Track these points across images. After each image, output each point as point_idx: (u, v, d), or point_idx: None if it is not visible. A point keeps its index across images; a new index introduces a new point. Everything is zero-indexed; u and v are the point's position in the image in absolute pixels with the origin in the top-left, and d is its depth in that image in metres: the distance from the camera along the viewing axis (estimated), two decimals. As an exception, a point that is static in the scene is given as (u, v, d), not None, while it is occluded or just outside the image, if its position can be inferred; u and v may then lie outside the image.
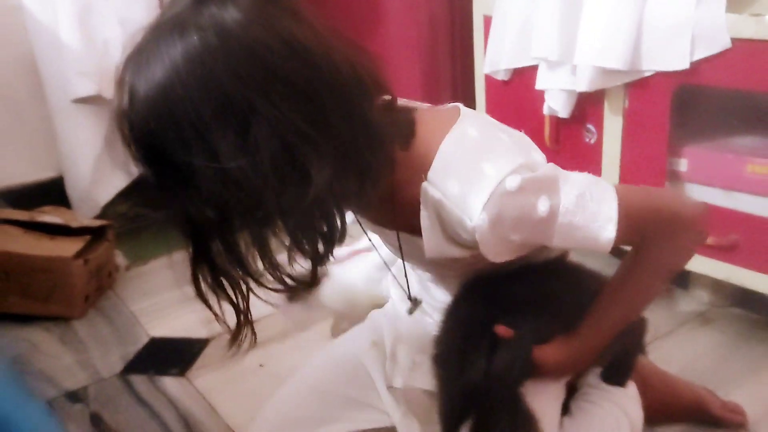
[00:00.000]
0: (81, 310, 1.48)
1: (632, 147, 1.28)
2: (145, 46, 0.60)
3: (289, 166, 0.60)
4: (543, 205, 0.70)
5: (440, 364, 0.84)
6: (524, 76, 1.42)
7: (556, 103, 1.33)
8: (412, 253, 0.84)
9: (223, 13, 0.59)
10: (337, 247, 0.68)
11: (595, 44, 1.20)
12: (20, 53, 1.75)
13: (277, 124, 0.59)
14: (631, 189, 0.79)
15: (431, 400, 0.89)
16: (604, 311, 0.81)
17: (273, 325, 1.37)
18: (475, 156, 0.71)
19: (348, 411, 0.95)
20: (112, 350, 1.37)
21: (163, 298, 1.54)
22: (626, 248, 0.81)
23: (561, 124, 1.39)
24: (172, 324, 1.44)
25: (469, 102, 1.60)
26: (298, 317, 1.05)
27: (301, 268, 0.68)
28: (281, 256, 0.66)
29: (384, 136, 0.67)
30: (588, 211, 0.71)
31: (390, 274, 1.00)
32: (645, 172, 1.27)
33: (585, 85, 1.23)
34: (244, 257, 0.65)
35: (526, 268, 0.84)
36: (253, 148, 0.58)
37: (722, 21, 1.08)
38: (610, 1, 1.18)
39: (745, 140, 1.25)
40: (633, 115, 1.25)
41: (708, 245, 1.19)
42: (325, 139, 0.61)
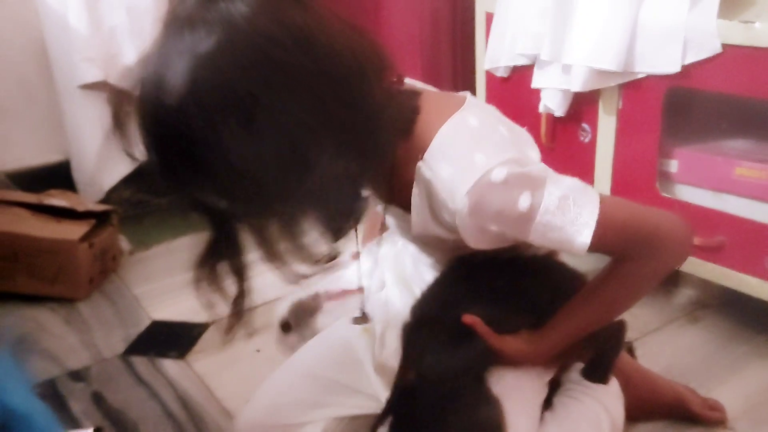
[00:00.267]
0: (85, 292, 1.51)
1: (625, 147, 1.30)
2: (157, 42, 0.63)
3: (291, 153, 0.62)
4: (524, 201, 0.72)
5: (407, 338, 0.87)
6: (523, 74, 1.43)
7: (552, 102, 1.35)
8: (406, 229, 0.87)
9: (230, 7, 0.61)
10: (347, 240, 0.71)
11: (589, 45, 1.22)
12: (31, 38, 1.77)
13: (279, 115, 0.61)
14: (619, 202, 0.81)
15: None
16: (572, 313, 0.84)
17: (271, 311, 1.40)
18: (469, 144, 0.74)
19: (338, 396, 0.97)
20: (114, 332, 1.39)
21: (164, 283, 1.57)
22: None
23: (557, 123, 1.41)
24: (173, 308, 1.47)
25: (469, 97, 1.61)
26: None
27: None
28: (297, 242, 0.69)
29: (386, 121, 0.69)
30: (568, 215, 0.74)
31: (387, 260, 1.03)
32: (636, 172, 1.29)
33: (579, 85, 1.25)
34: (267, 240, 0.68)
35: (510, 262, 0.86)
36: (258, 138, 0.61)
37: (713, 27, 1.10)
38: (605, 3, 1.20)
39: (735, 143, 1.27)
40: (626, 115, 1.27)
41: (696, 245, 1.22)
42: (326, 127, 0.63)
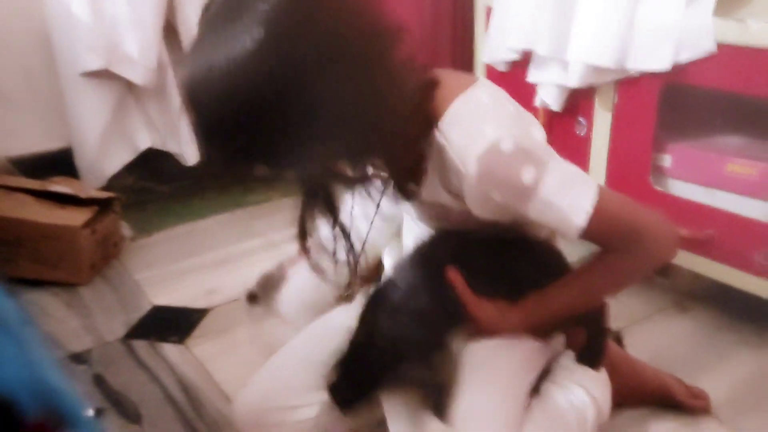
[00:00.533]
0: (87, 277, 1.53)
1: (620, 141, 1.32)
2: (199, 35, 0.70)
3: (319, 122, 0.68)
4: (528, 175, 0.77)
5: (373, 297, 0.90)
6: (522, 68, 1.45)
7: (548, 97, 1.37)
8: (414, 208, 0.92)
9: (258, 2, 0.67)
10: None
11: (586, 42, 1.24)
12: (34, 26, 1.77)
13: (308, 94, 0.67)
14: (616, 196, 0.84)
15: None
16: (552, 294, 0.88)
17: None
18: (480, 117, 0.80)
19: None
20: (115, 316, 1.41)
21: (166, 269, 1.59)
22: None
23: (555, 116, 1.43)
24: (174, 294, 1.49)
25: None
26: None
27: None
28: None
29: (407, 94, 0.76)
30: (568, 196, 0.78)
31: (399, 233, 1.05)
32: (631, 166, 1.32)
33: (576, 81, 1.27)
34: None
35: (506, 241, 0.89)
36: (291, 115, 0.68)
37: (709, 25, 1.11)
38: (602, 1, 1.21)
39: (727, 140, 1.29)
40: (621, 111, 1.29)
41: (686, 239, 1.24)
42: (354, 100, 0.70)
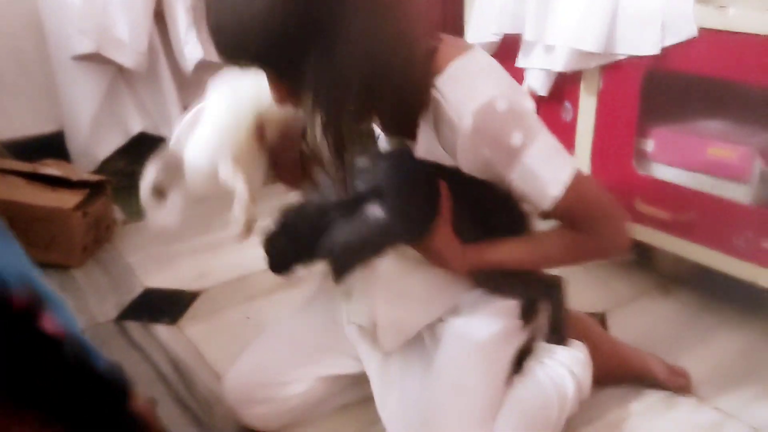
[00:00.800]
0: (79, 260, 1.54)
1: (604, 126, 1.34)
2: None
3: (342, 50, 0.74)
4: (516, 138, 0.82)
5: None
6: (509, 52, 1.46)
7: (535, 82, 1.38)
8: None
9: None
10: None
11: (571, 27, 1.26)
12: (26, 9, 1.77)
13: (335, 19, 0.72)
14: (590, 180, 0.90)
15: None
16: (509, 246, 0.93)
17: (261, 281, 1.44)
18: (477, 76, 0.84)
19: (321, 357, 1.02)
20: (108, 298, 1.43)
21: (157, 252, 1.61)
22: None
23: (541, 100, 1.44)
24: (166, 276, 1.51)
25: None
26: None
27: None
28: None
29: (417, 45, 0.81)
30: (548, 166, 0.84)
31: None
32: (615, 150, 1.34)
33: (561, 66, 1.29)
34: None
35: (489, 190, 0.90)
36: (322, 53, 0.74)
37: (690, 11, 1.13)
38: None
39: (709, 124, 1.32)
40: (606, 96, 1.31)
41: (667, 221, 1.27)
42: (375, 33, 0.75)
